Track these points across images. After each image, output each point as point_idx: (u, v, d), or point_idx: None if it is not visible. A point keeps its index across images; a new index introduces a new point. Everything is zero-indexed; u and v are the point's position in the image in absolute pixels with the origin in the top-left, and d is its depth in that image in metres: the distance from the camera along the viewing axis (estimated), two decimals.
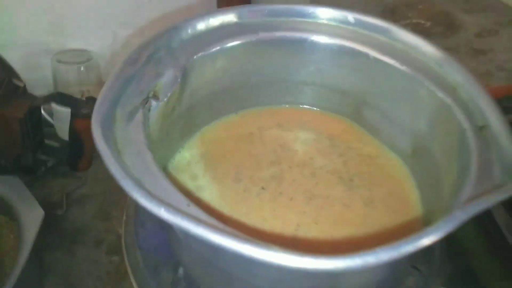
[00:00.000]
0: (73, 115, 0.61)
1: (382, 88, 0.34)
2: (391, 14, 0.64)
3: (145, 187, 0.20)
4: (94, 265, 0.65)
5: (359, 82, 0.35)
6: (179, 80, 0.30)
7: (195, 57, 0.31)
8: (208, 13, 0.33)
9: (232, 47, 0.34)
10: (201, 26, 0.33)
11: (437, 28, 0.63)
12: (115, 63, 0.81)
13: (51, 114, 0.80)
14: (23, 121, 0.61)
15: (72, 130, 0.62)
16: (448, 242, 0.34)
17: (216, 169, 0.34)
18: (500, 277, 0.57)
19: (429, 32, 0.62)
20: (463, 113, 0.28)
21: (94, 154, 0.70)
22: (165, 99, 0.29)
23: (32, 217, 0.59)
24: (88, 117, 0.62)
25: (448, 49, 0.60)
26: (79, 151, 0.65)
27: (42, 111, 0.68)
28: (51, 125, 0.82)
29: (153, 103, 0.28)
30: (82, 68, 0.77)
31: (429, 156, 0.31)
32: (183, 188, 0.32)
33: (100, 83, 0.81)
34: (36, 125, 0.65)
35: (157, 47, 0.30)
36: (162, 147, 0.30)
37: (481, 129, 0.27)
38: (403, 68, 0.32)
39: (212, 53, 0.33)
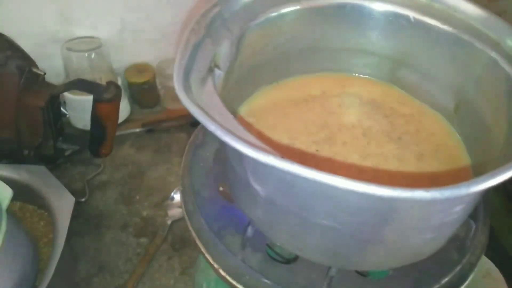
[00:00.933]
0: (96, 100, 0.61)
1: (423, 49, 0.36)
2: None
3: (247, 141, 0.21)
4: (122, 248, 0.67)
5: (399, 45, 0.37)
6: (234, 51, 0.31)
7: (245, 28, 0.32)
8: None
9: (276, 16, 0.35)
10: None
11: None
12: (124, 48, 0.81)
13: (63, 103, 0.80)
14: (45, 110, 0.62)
15: (94, 116, 0.63)
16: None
17: (268, 135, 0.35)
18: None
19: None
20: (510, 64, 0.30)
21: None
22: (226, 69, 0.30)
23: (63, 204, 0.60)
24: (111, 101, 0.63)
25: None
26: (101, 137, 0.66)
27: None
28: (63, 115, 0.82)
29: (217, 71, 0.29)
30: (92, 55, 0.77)
31: (473, 110, 0.33)
32: None
33: (111, 70, 0.81)
34: (56, 113, 0.65)
35: (212, 18, 0.31)
36: None
37: None
38: (444, 27, 0.34)
39: (259, 23, 0.34)
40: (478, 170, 0.32)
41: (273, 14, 0.34)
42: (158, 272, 0.64)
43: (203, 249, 0.32)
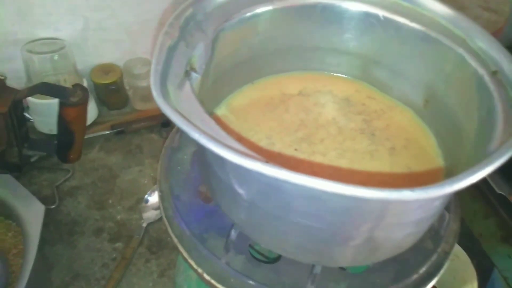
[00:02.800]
0: (62, 104, 0.59)
1: (392, 47, 0.37)
2: None
3: (228, 146, 0.21)
4: (97, 254, 0.65)
5: (370, 43, 0.38)
6: (209, 53, 0.31)
7: (219, 29, 0.32)
8: None
9: (250, 17, 0.35)
10: None
11: None
12: (89, 48, 0.79)
13: (27, 108, 0.77)
14: (7, 116, 0.59)
15: (61, 120, 0.60)
16: None
17: (247, 136, 0.35)
18: (482, 217, 0.64)
19: None
20: (476, 61, 0.31)
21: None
22: (202, 71, 0.29)
23: (32, 213, 0.58)
24: (78, 105, 0.61)
25: None
26: (69, 142, 0.64)
27: None
28: (27, 119, 0.78)
29: (194, 75, 0.29)
30: (55, 57, 0.74)
31: (443, 106, 0.34)
32: None
33: (75, 71, 0.78)
34: (20, 119, 0.63)
35: (186, 20, 0.30)
36: None
37: (494, 74, 0.30)
38: (412, 25, 0.35)
39: (233, 24, 0.33)
40: (449, 163, 0.34)
41: (247, 15, 0.34)
42: (136, 276, 0.63)
43: (185, 255, 0.32)
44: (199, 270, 0.31)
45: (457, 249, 0.64)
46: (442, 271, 0.34)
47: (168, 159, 0.38)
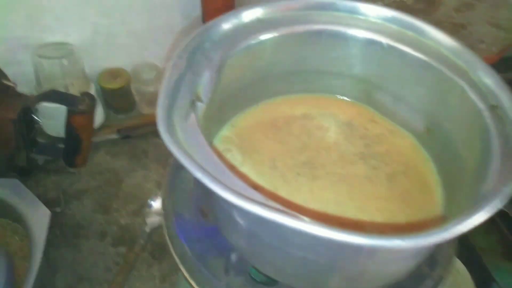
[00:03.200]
0: (70, 112, 0.60)
1: (395, 73, 0.37)
2: None
3: (231, 188, 0.22)
4: (101, 257, 0.66)
5: (373, 69, 0.38)
6: (215, 80, 0.31)
7: (225, 57, 0.33)
8: (233, 12, 0.34)
9: (257, 43, 0.35)
10: (228, 25, 0.34)
11: (419, 5, 0.66)
12: (97, 53, 0.80)
13: (36, 110, 0.78)
14: (16, 122, 0.60)
15: (69, 127, 0.62)
16: None
17: (251, 158, 0.36)
18: (484, 231, 0.64)
19: (412, 9, 0.65)
20: (476, 94, 0.31)
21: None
22: (207, 100, 0.30)
23: (38, 217, 0.60)
24: (85, 113, 0.62)
25: None
26: (76, 148, 0.65)
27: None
28: (36, 122, 0.80)
29: (199, 105, 0.29)
30: (64, 62, 0.75)
31: (444, 133, 0.35)
32: None
33: (84, 76, 0.79)
34: (29, 123, 0.64)
35: (194, 49, 0.31)
36: None
37: (493, 108, 0.30)
38: (415, 54, 0.35)
39: (239, 51, 0.34)
40: (448, 192, 0.34)
41: (253, 42, 0.34)
42: (138, 281, 0.64)
43: (186, 275, 0.33)
44: None
45: (458, 263, 0.64)
46: None
47: (172, 177, 0.39)
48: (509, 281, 0.61)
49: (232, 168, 0.34)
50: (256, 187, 0.33)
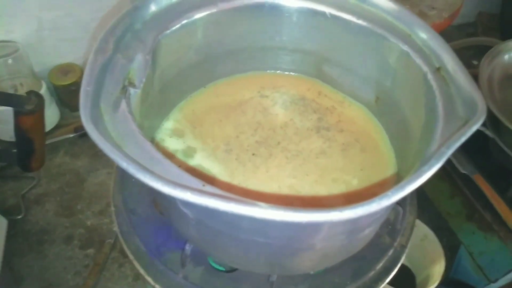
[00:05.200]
0: (17, 113, 0.56)
1: (341, 43, 0.36)
2: None
3: (162, 176, 0.20)
4: (69, 262, 0.64)
5: (319, 41, 0.37)
6: (150, 63, 0.30)
7: (159, 36, 0.31)
8: None
9: (194, 21, 0.33)
10: (160, 4, 0.32)
11: None
12: (45, 49, 0.76)
13: None
14: None
15: (18, 129, 0.58)
16: None
17: (205, 143, 0.35)
18: (448, 196, 0.65)
19: None
20: (420, 58, 0.31)
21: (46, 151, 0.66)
22: (141, 85, 0.28)
23: None
24: (34, 112, 0.58)
25: None
26: (29, 150, 0.62)
27: None
28: None
29: (131, 90, 0.28)
30: (9, 61, 0.71)
31: (392, 101, 0.34)
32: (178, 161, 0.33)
33: (32, 74, 0.75)
34: None
35: (122, 32, 0.29)
36: (143, 130, 0.30)
37: (438, 70, 0.30)
38: (359, 22, 0.34)
39: (175, 30, 0.32)
40: (400, 159, 0.34)
41: (189, 20, 0.33)
42: (110, 281, 0.62)
43: (142, 271, 0.31)
44: (157, 286, 0.31)
45: (426, 230, 0.66)
46: (399, 265, 0.34)
47: (122, 172, 0.37)
48: (474, 242, 0.63)
49: (176, 158, 0.33)
50: (207, 177, 0.31)
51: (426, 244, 0.65)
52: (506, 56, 0.59)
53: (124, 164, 0.20)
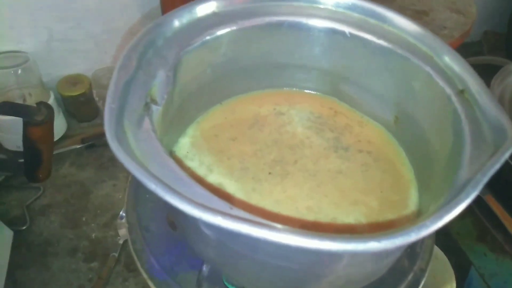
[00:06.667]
0: (26, 124, 0.56)
1: (360, 63, 0.36)
2: None
3: (190, 198, 0.20)
4: (73, 275, 0.63)
5: (337, 59, 0.37)
6: (171, 79, 0.29)
7: (181, 53, 0.31)
8: (187, 6, 0.32)
9: (214, 38, 0.33)
10: (181, 20, 0.32)
11: None
12: (54, 60, 0.76)
13: None
14: None
15: (26, 140, 0.58)
16: None
17: (221, 161, 0.34)
18: (459, 217, 0.65)
19: None
20: (443, 79, 0.30)
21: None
22: (163, 102, 0.28)
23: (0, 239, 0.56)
24: (43, 124, 0.58)
25: None
26: (37, 161, 0.61)
27: None
28: None
29: (154, 107, 0.27)
30: (19, 71, 0.72)
31: (413, 122, 0.34)
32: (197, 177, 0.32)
33: (41, 85, 0.75)
34: None
35: (145, 48, 0.29)
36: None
37: (461, 92, 0.30)
38: (379, 42, 0.34)
39: (196, 47, 0.32)
40: (422, 182, 0.33)
41: (209, 37, 0.32)
42: None
43: None
44: None
45: (435, 249, 0.65)
46: None
47: (135, 187, 0.37)
48: (485, 263, 0.62)
49: (195, 175, 0.32)
50: (224, 195, 0.31)
51: (436, 265, 0.64)
52: None
53: (153, 186, 0.20)
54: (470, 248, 0.64)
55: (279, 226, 0.19)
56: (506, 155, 0.23)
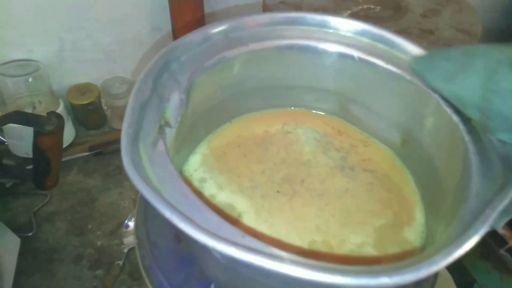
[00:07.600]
0: (37, 133, 0.57)
1: (368, 86, 0.37)
2: (342, 1, 0.67)
3: (202, 225, 0.20)
4: (77, 282, 0.64)
5: (345, 82, 0.38)
6: (185, 102, 0.30)
7: (194, 76, 0.32)
8: (200, 30, 0.33)
9: (226, 61, 0.34)
10: (195, 44, 0.33)
11: (387, 12, 0.67)
12: (65, 69, 0.77)
13: (1, 131, 0.75)
14: None
15: (36, 149, 0.59)
16: None
17: (230, 179, 0.35)
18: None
19: (380, 16, 0.66)
20: (451, 107, 0.31)
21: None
22: (177, 124, 0.29)
23: (7, 246, 0.57)
24: (53, 133, 0.59)
25: (400, 31, 0.64)
26: (45, 169, 0.62)
27: None
28: (1, 142, 0.77)
29: (167, 130, 0.28)
30: (30, 79, 0.73)
31: (420, 146, 0.35)
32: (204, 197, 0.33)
33: (51, 93, 0.77)
34: None
35: (159, 72, 0.30)
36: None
37: (469, 121, 0.30)
38: (388, 67, 0.35)
39: (208, 69, 0.33)
40: (428, 204, 0.34)
41: (222, 60, 0.33)
42: None
43: None
44: None
45: None
46: None
47: (145, 203, 0.37)
48: (488, 281, 0.62)
49: (205, 192, 0.33)
50: (234, 221, 0.31)
51: (439, 282, 0.65)
52: None
53: (168, 213, 0.20)
54: (473, 266, 0.64)
55: (290, 256, 0.20)
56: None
